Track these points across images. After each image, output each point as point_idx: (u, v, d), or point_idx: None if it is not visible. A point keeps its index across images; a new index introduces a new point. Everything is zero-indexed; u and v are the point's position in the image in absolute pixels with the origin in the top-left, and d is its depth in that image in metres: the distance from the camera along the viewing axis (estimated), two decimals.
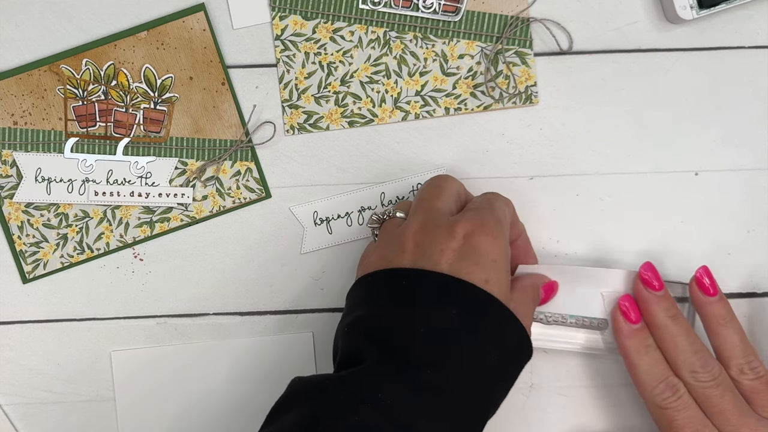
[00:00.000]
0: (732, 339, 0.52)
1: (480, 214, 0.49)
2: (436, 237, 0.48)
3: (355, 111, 0.58)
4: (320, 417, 0.44)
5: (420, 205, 0.51)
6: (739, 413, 0.50)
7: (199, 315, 0.58)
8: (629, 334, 0.53)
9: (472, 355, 0.45)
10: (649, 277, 0.53)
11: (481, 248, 0.47)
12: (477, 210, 0.49)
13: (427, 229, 0.48)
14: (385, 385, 0.44)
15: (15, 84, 0.57)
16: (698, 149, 0.58)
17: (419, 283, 0.47)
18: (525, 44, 0.58)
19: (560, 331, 0.55)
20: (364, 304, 0.48)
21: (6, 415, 0.58)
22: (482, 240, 0.47)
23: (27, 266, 0.58)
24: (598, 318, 0.55)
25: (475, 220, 0.48)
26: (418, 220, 0.49)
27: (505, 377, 0.48)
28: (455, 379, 0.45)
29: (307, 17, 0.57)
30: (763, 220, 0.58)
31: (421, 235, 0.48)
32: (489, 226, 0.48)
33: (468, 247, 0.47)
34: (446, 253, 0.47)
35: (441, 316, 0.45)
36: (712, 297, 0.53)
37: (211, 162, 0.58)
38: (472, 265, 0.46)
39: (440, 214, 0.49)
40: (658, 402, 0.51)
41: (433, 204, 0.50)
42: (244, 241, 0.58)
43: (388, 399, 0.44)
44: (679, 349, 0.52)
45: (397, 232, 0.50)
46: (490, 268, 0.47)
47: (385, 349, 0.45)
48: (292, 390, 0.47)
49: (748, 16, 0.58)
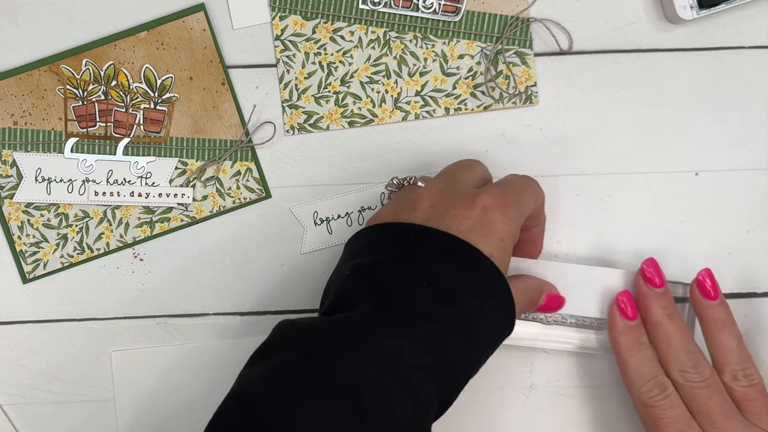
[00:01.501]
0: (729, 344, 0.52)
1: (505, 193, 0.49)
2: (455, 203, 0.47)
3: (355, 111, 0.58)
4: (313, 361, 0.42)
5: (445, 174, 0.51)
6: (725, 416, 0.50)
7: (199, 315, 0.58)
8: (623, 330, 0.53)
9: (470, 320, 0.45)
10: (651, 274, 0.53)
11: (495, 225, 0.47)
12: (504, 188, 0.49)
13: (446, 194, 0.48)
14: (383, 335, 0.43)
15: (15, 84, 0.57)
16: (698, 149, 0.58)
17: (428, 240, 0.46)
18: (525, 44, 0.58)
19: (560, 331, 0.55)
20: (368, 253, 0.47)
21: (6, 415, 0.58)
22: (498, 218, 0.47)
23: (27, 266, 0.58)
24: (599, 318, 0.55)
25: (498, 198, 0.48)
26: (438, 185, 0.49)
27: (490, 350, 0.48)
28: (452, 340, 0.45)
29: (307, 17, 0.57)
30: (763, 220, 0.58)
31: (438, 198, 0.48)
32: (508, 207, 0.48)
33: (483, 219, 0.47)
34: (460, 219, 0.47)
35: (445, 276, 0.45)
36: (713, 301, 0.53)
37: (211, 162, 0.58)
38: (481, 238, 0.47)
39: (463, 185, 0.50)
40: (645, 400, 0.51)
41: (458, 176, 0.51)
42: (244, 241, 0.58)
43: (385, 348, 0.43)
44: (672, 347, 0.52)
45: (413, 194, 0.49)
46: (496, 246, 0.47)
47: (384, 300, 0.45)
48: (281, 332, 0.46)
49: (748, 16, 0.58)
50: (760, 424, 0.50)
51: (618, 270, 0.55)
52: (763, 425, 0.50)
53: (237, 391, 0.44)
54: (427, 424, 0.44)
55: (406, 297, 0.44)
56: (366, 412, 0.41)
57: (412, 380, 0.43)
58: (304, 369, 0.42)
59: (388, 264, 0.46)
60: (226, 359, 0.58)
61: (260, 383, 0.43)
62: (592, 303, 0.55)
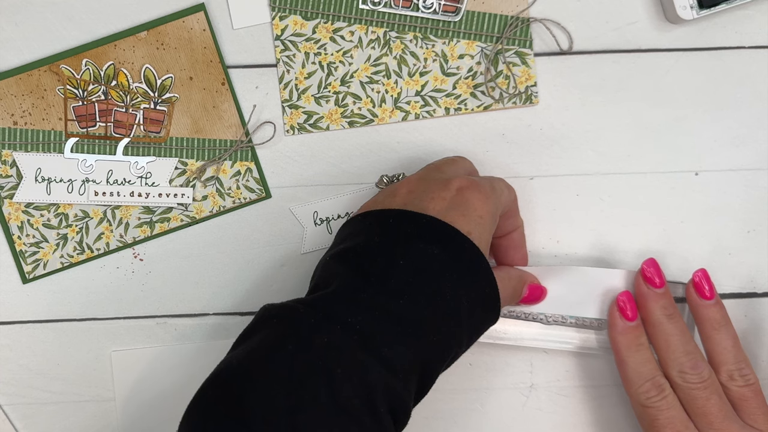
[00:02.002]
0: (725, 344, 0.52)
1: (479, 180, 0.50)
2: (431, 187, 0.49)
3: (355, 111, 0.58)
4: (289, 336, 0.43)
5: (427, 167, 0.53)
6: (723, 417, 0.50)
7: (199, 315, 0.58)
8: (623, 331, 0.53)
9: (446, 295, 0.45)
10: (651, 274, 0.53)
11: (471, 202, 0.48)
12: (477, 178, 0.51)
13: (423, 181, 0.50)
14: (357, 309, 0.44)
15: (15, 84, 0.57)
16: (698, 149, 0.58)
17: (404, 221, 0.47)
18: (525, 44, 0.58)
19: (560, 331, 0.55)
20: (350, 239, 0.49)
21: (6, 415, 0.58)
22: (474, 196, 0.48)
23: (27, 266, 0.58)
24: (599, 318, 0.55)
25: (471, 180, 0.49)
26: (418, 174, 0.52)
27: (471, 330, 0.48)
28: (428, 315, 0.45)
29: (307, 17, 0.57)
30: (763, 220, 0.58)
31: (415, 185, 0.50)
32: (483, 187, 0.49)
33: (459, 198, 0.48)
34: (436, 200, 0.48)
35: (421, 253, 0.46)
36: (708, 300, 0.53)
37: (211, 162, 0.58)
38: (459, 216, 0.47)
39: (437, 172, 0.51)
40: (642, 400, 0.52)
41: (440, 167, 0.52)
42: (244, 241, 0.58)
43: (359, 323, 0.43)
44: (671, 348, 0.52)
45: (394, 186, 0.51)
46: (475, 223, 0.48)
47: (361, 275, 0.45)
48: (262, 314, 0.46)
49: (748, 16, 0.58)
50: (755, 425, 0.50)
51: (618, 270, 0.55)
52: (758, 425, 0.50)
53: (216, 371, 0.45)
54: (404, 398, 0.44)
55: (383, 273, 0.45)
56: (339, 382, 0.42)
57: (386, 353, 0.43)
58: (280, 344, 0.43)
59: (367, 245, 0.47)
60: None
61: (238, 362, 0.44)
62: (592, 303, 0.55)
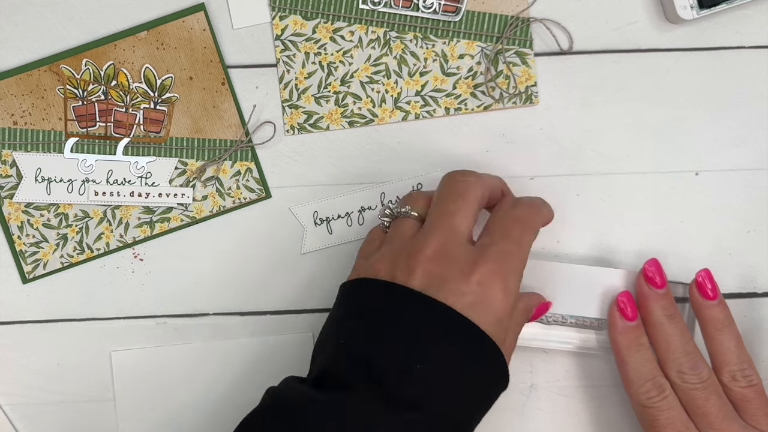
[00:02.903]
0: (727, 344, 0.52)
1: (504, 259, 0.47)
2: (450, 274, 0.46)
3: (355, 111, 0.58)
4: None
5: (438, 219, 0.48)
6: (723, 417, 0.50)
7: (199, 315, 0.58)
8: (623, 331, 0.53)
9: (467, 398, 0.45)
10: (653, 274, 0.53)
11: (491, 304, 0.46)
12: (503, 250, 0.47)
13: (442, 259, 0.46)
14: (373, 420, 0.43)
15: (15, 84, 0.57)
16: (698, 149, 0.58)
17: (426, 316, 0.45)
18: (525, 44, 0.58)
19: (560, 331, 0.55)
20: (364, 316, 0.46)
21: (6, 415, 0.58)
22: (494, 295, 0.46)
23: (27, 266, 0.58)
24: (599, 318, 0.55)
25: (494, 270, 0.46)
26: (434, 243, 0.47)
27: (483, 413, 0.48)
28: (446, 423, 0.44)
29: (307, 17, 0.57)
30: (763, 220, 0.58)
31: (434, 264, 0.46)
32: (506, 280, 0.46)
33: (480, 295, 0.45)
34: (456, 295, 0.45)
35: (442, 356, 0.44)
36: (712, 301, 0.53)
37: (211, 162, 0.58)
38: (478, 315, 0.45)
39: (458, 239, 0.47)
40: (643, 401, 0.52)
41: (453, 221, 0.48)
42: (244, 241, 0.58)
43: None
44: (670, 348, 0.52)
45: (409, 247, 0.47)
46: (493, 326, 0.46)
47: (375, 381, 0.44)
48: (270, 405, 0.46)
49: (748, 16, 0.58)
50: (757, 425, 0.50)
51: (618, 270, 0.55)
52: (761, 426, 0.50)
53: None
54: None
55: (398, 379, 0.44)
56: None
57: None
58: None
59: (380, 340, 0.45)
60: (226, 359, 0.58)
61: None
62: (592, 303, 0.55)
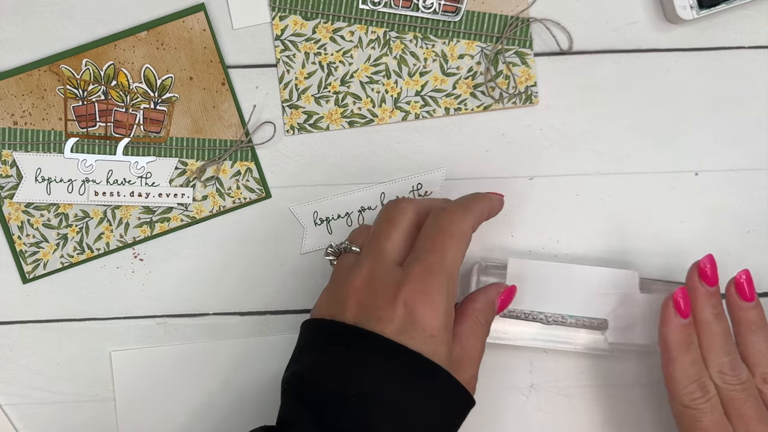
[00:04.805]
0: (760, 346, 0.52)
1: (425, 275, 0.47)
2: (378, 302, 0.46)
3: (355, 111, 0.58)
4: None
5: (369, 247, 0.49)
6: (758, 420, 0.50)
7: (199, 315, 0.58)
8: (676, 329, 0.52)
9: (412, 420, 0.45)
10: (709, 271, 0.52)
11: (421, 321, 0.46)
12: (423, 267, 0.47)
13: (369, 287, 0.47)
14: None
15: (15, 84, 0.57)
16: (698, 149, 0.58)
17: (358, 347, 0.46)
18: (525, 44, 0.58)
19: (560, 331, 0.55)
20: (304, 355, 0.48)
21: (6, 415, 0.58)
22: (423, 312, 0.46)
23: (27, 266, 0.58)
24: (598, 318, 0.55)
25: (418, 288, 0.46)
26: (363, 272, 0.48)
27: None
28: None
29: (307, 17, 0.57)
30: (763, 220, 0.58)
31: (363, 294, 0.47)
32: (432, 296, 0.46)
33: (407, 317, 0.46)
34: (385, 322, 0.46)
35: (377, 384, 0.45)
36: (749, 303, 0.52)
37: (211, 162, 0.58)
38: (410, 339, 0.46)
39: (386, 263, 0.48)
40: (686, 401, 0.51)
41: (382, 247, 0.49)
42: (244, 241, 0.58)
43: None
44: (714, 347, 0.51)
45: (343, 280, 0.48)
46: (427, 343, 0.46)
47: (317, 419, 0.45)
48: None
49: (748, 16, 0.58)
50: None
51: (618, 270, 0.55)
52: None
53: None
54: None
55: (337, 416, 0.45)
56: None
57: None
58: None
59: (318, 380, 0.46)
60: (226, 359, 0.58)
61: None
62: (592, 303, 0.55)
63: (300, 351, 0.49)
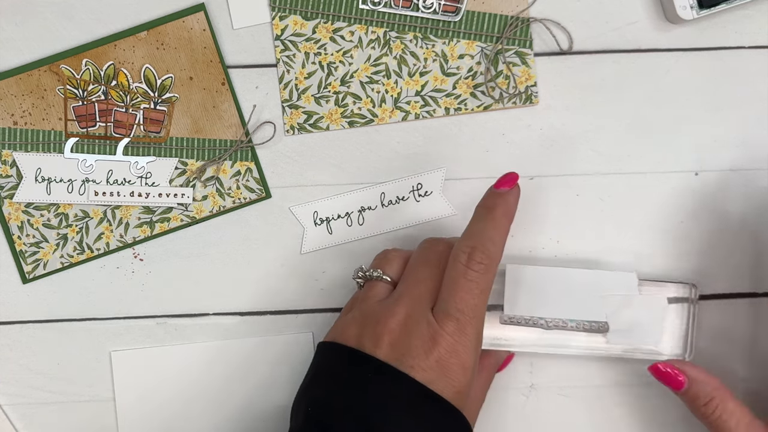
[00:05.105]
0: None
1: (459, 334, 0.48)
2: (413, 349, 0.47)
3: (355, 111, 0.58)
4: None
5: (406, 288, 0.50)
6: None
7: (199, 315, 0.58)
8: None
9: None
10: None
11: (451, 379, 0.47)
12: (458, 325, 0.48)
13: (406, 331, 0.48)
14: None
15: (15, 84, 0.57)
16: (698, 149, 0.58)
17: (391, 386, 0.47)
18: (525, 44, 0.58)
19: (560, 335, 0.55)
20: (330, 384, 0.48)
21: (6, 415, 0.58)
22: (454, 371, 0.47)
23: (27, 266, 0.58)
24: (598, 321, 0.55)
25: (452, 346, 0.47)
26: (401, 313, 0.48)
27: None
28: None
29: (307, 17, 0.57)
30: (763, 220, 0.58)
31: (399, 335, 0.48)
32: (463, 356, 0.48)
33: (439, 372, 0.47)
34: (418, 370, 0.47)
35: (407, 426, 0.46)
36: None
37: (211, 162, 0.58)
38: (439, 389, 0.47)
39: (423, 309, 0.49)
40: None
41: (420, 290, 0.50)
42: (244, 241, 0.58)
43: None
44: None
45: (377, 314, 0.49)
46: (453, 398, 0.47)
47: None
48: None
49: (748, 16, 0.58)
50: None
51: (616, 273, 0.55)
52: None
53: None
54: None
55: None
56: None
57: None
58: None
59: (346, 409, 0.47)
60: (226, 359, 0.58)
61: None
62: (591, 306, 0.55)
63: (324, 375, 0.49)
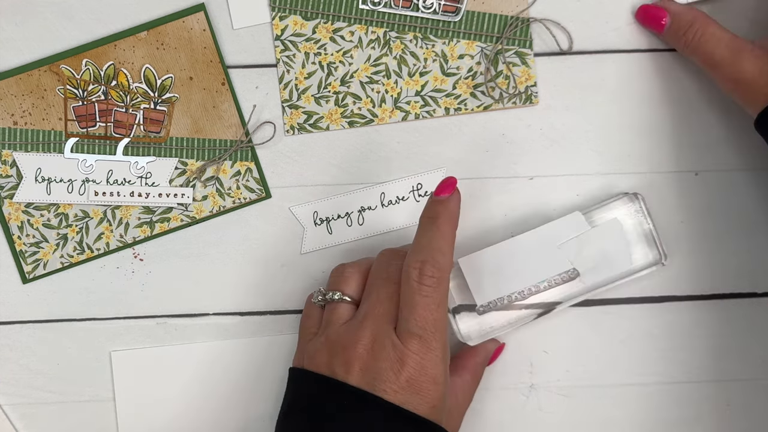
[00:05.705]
0: None
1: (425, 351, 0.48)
2: (383, 373, 0.48)
3: (355, 111, 0.58)
4: None
5: (369, 310, 0.50)
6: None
7: (199, 315, 0.58)
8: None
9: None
10: None
11: (424, 395, 0.48)
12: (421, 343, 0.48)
13: (372, 355, 0.48)
14: None
15: (15, 84, 0.57)
16: (698, 149, 0.58)
17: (366, 411, 0.47)
18: (525, 44, 0.58)
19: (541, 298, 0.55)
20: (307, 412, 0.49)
21: (6, 415, 0.58)
22: (426, 388, 0.48)
23: (27, 266, 0.58)
24: (567, 270, 0.55)
25: (419, 364, 0.48)
26: (366, 337, 0.49)
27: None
28: None
29: (307, 17, 0.57)
30: (763, 220, 0.58)
31: (367, 361, 0.48)
32: (432, 371, 0.48)
33: (411, 391, 0.48)
34: (390, 394, 0.47)
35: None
36: None
37: (211, 162, 0.58)
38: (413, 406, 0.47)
39: (386, 329, 0.49)
40: None
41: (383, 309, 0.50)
42: (244, 241, 0.58)
43: None
44: None
45: (344, 339, 0.49)
46: (428, 413, 0.48)
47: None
48: None
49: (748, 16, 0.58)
50: None
51: (561, 219, 0.55)
52: None
53: None
54: None
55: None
56: None
57: None
58: None
59: None
60: (226, 359, 0.58)
61: None
62: (553, 260, 0.55)
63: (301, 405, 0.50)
